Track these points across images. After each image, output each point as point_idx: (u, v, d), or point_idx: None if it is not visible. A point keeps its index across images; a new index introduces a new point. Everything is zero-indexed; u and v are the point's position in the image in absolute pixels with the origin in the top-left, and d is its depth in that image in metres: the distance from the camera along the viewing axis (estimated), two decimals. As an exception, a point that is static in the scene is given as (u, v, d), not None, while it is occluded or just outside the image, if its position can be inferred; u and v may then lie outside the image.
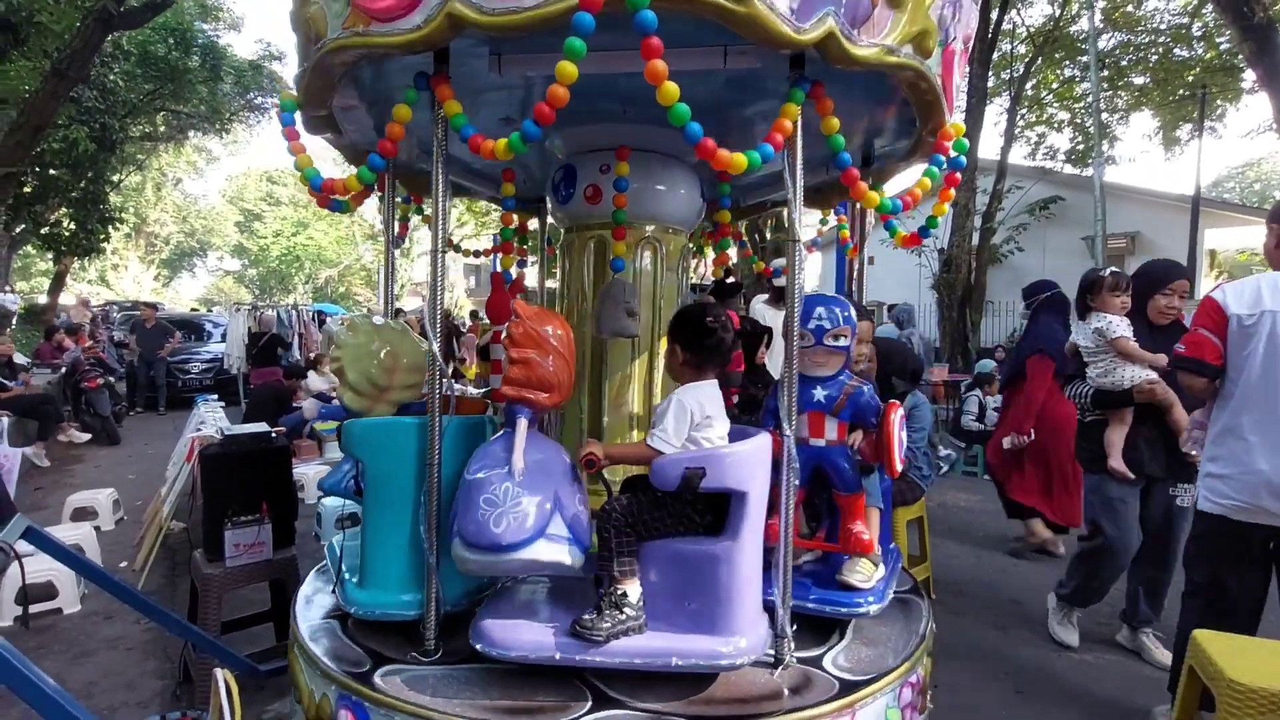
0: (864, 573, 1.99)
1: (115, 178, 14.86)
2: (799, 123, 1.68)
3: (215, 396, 6.45)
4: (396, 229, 2.50)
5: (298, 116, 2.07)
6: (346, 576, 2.06)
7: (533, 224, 3.56)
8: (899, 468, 1.97)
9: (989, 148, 13.37)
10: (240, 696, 1.70)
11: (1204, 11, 12.40)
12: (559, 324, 1.83)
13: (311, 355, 10.24)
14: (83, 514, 4.82)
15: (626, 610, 1.65)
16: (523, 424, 1.76)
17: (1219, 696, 1.80)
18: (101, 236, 12.32)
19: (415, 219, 3.02)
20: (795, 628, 1.83)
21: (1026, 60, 13.88)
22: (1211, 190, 26.81)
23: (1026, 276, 13.37)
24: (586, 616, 1.65)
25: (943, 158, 2.06)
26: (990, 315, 13.11)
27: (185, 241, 34.22)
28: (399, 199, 2.83)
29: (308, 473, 5.60)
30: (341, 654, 1.86)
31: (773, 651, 1.77)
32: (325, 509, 4.63)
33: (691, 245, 3.00)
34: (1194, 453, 2.60)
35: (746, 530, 1.67)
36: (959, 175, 2.17)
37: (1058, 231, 13.16)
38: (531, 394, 1.77)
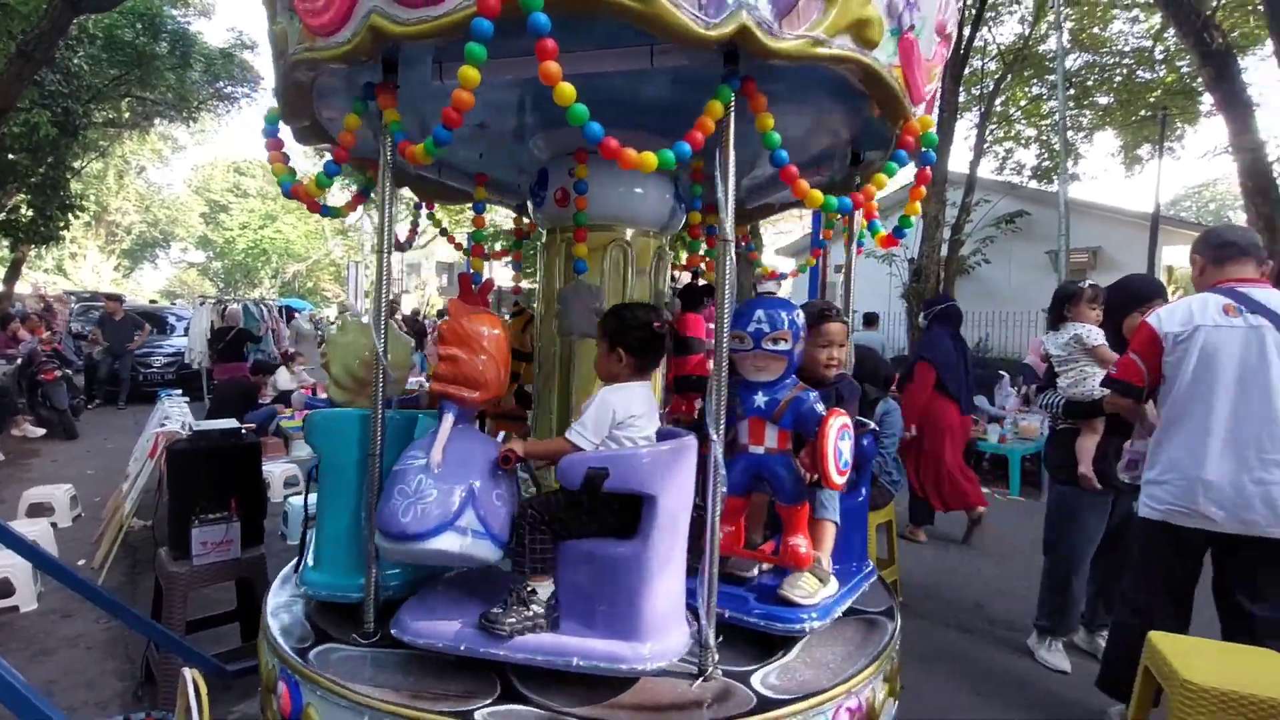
0: (806, 589, 1.88)
1: (76, 164, 14.34)
2: (729, 121, 1.63)
3: (180, 391, 6.29)
4: (405, 235, 2.53)
5: (282, 127, 2.09)
6: (308, 559, 2.10)
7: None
8: (836, 480, 1.83)
9: (959, 161, 13.70)
10: (208, 696, 1.68)
11: (1166, 36, 12.88)
12: (492, 323, 1.88)
13: (284, 351, 10.06)
14: (39, 510, 4.67)
15: (534, 607, 1.67)
16: (448, 419, 1.80)
17: (1172, 696, 1.89)
18: (61, 224, 11.92)
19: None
20: (731, 641, 1.79)
21: (996, 77, 14.25)
22: (1170, 209, 27.79)
23: (993, 288, 13.84)
24: (494, 610, 1.66)
25: (905, 153, 1.96)
26: (958, 325, 13.40)
27: (148, 232, 33.22)
28: (410, 204, 2.87)
29: (274, 471, 5.50)
30: (291, 630, 1.93)
31: (695, 661, 1.72)
32: (292, 508, 4.56)
33: (669, 248, 3.02)
34: (1127, 480, 2.74)
35: (657, 534, 1.64)
36: (929, 172, 2.10)
37: (1023, 245, 13.52)
38: (456, 390, 1.81)
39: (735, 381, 1.94)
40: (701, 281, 3.02)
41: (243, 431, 2.94)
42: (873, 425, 2.27)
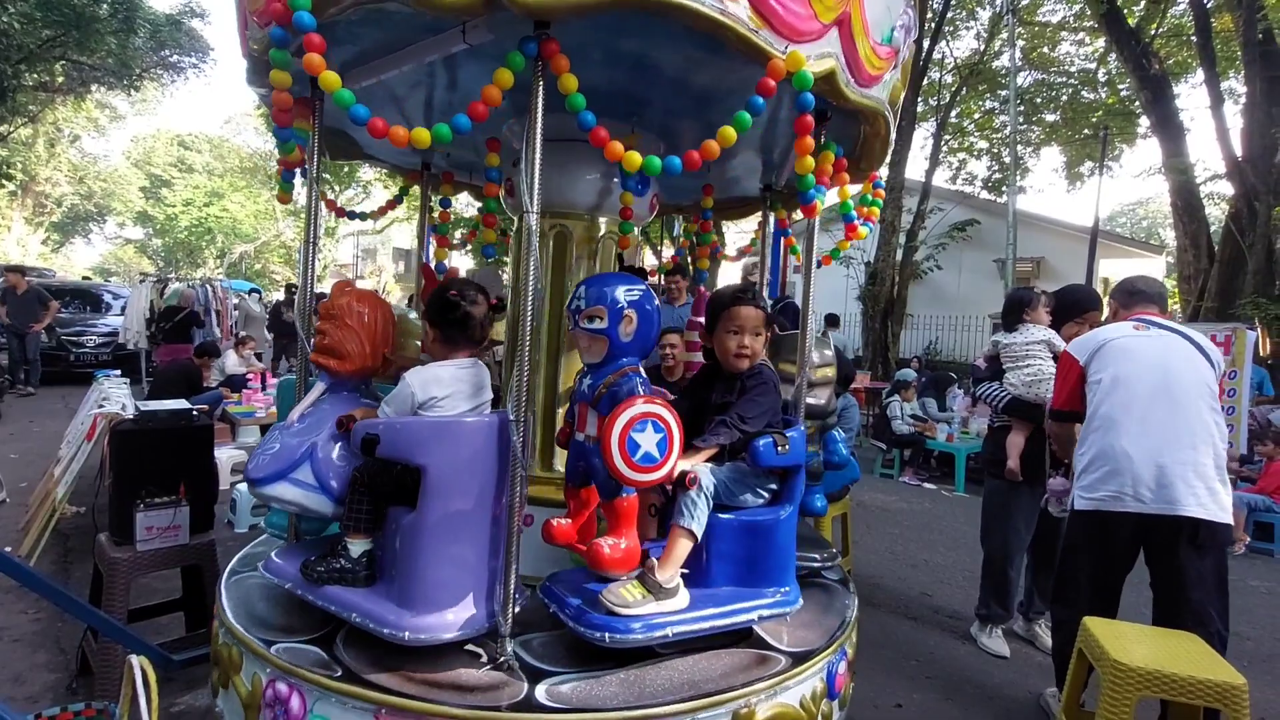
0: (621, 597, 1.67)
1: (2, 128, 13.48)
2: (539, 97, 1.60)
3: (119, 372, 5.99)
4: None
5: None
6: None
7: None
8: (626, 474, 1.64)
9: (915, 169, 14.10)
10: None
11: (1109, 60, 13.54)
12: (365, 302, 2.03)
13: (235, 335, 9.66)
14: (-42, 495, 4.39)
15: (343, 561, 1.80)
16: (319, 386, 2.04)
17: (1104, 675, 2.01)
18: (-17, 193, 11.17)
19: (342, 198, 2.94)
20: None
21: (953, 90, 14.74)
22: (1107, 223, 29.21)
23: (944, 293, 14.30)
24: (312, 559, 1.81)
25: (760, 100, 1.65)
26: (910, 328, 13.85)
27: (81, 205, 31.35)
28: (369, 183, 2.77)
29: (221, 457, 5.29)
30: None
31: (484, 649, 1.74)
32: (240, 495, 4.41)
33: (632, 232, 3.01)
34: (1056, 515, 2.93)
35: (431, 505, 1.68)
36: (808, 116, 1.77)
37: (973, 253, 14.03)
38: (323, 359, 2.00)
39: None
40: (635, 266, 3.00)
41: (194, 413, 2.82)
42: (787, 436, 1.89)
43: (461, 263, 10.28)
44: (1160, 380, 2.40)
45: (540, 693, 1.60)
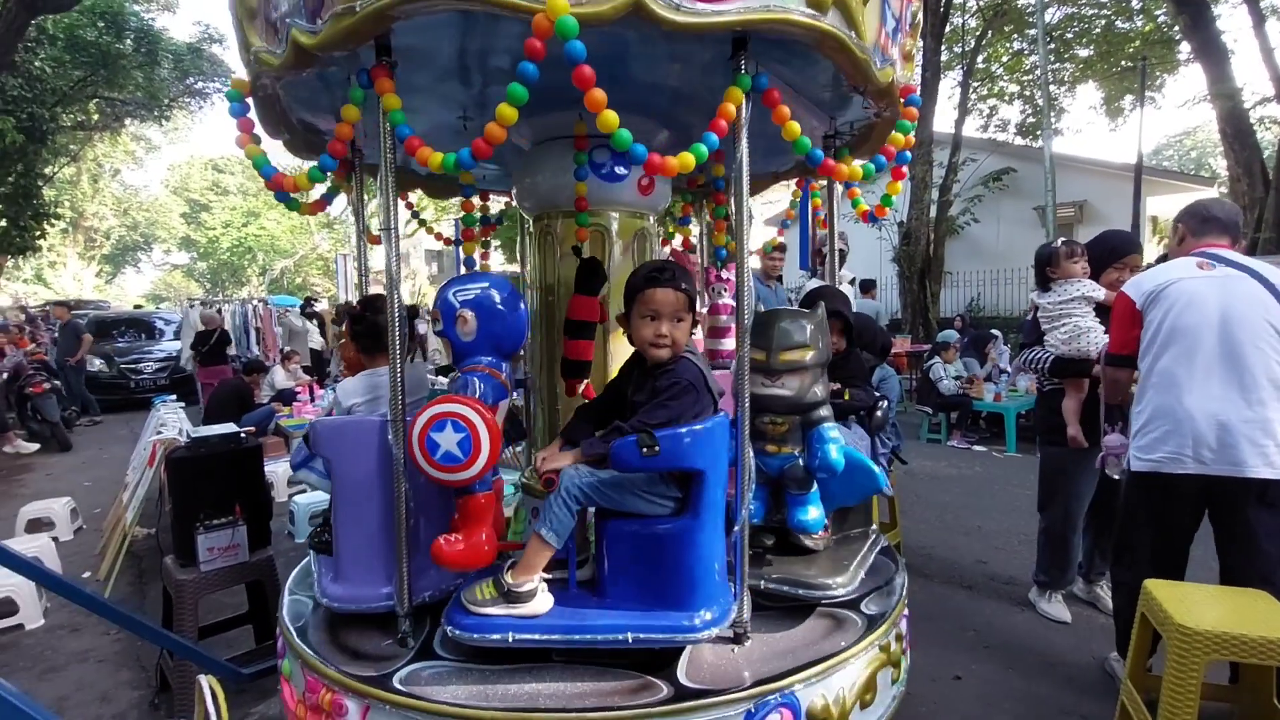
0: (475, 596, 1.70)
1: (47, 170, 14.10)
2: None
3: (174, 397, 6.25)
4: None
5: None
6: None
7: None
8: (429, 471, 1.68)
9: (944, 121, 13.60)
10: (226, 700, 1.70)
11: (1143, -17, 12.77)
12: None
13: (281, 351, 9.97)
14: (38, 525, 4.66)
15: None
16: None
17: (1168, 640, 1.93)
18: (36, 233, 11.74)
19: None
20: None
21: (977, 34, 14.11)
22: (1152, 158, 27.76)
23: (983, 247, 13.84)
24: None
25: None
26: (949, 286, 13.45)
27: (128, 235, 32.71)
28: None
29: (277, 470, 5.50)
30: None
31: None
32: (298, 507, 4.57)
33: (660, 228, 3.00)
34: (1115, 476, 2.75)
35: (342, 498, 1.97)
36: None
37: (1010, 202, 13.49)
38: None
39: None
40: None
41: (242, 435, 2.93)
42: (655, 436, 1.63)
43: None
44: (1224, 329, 2.21)
45: (401, 674, 1.73)
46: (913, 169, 11.55)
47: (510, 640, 1.67)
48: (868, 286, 10.14)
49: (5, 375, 8.65)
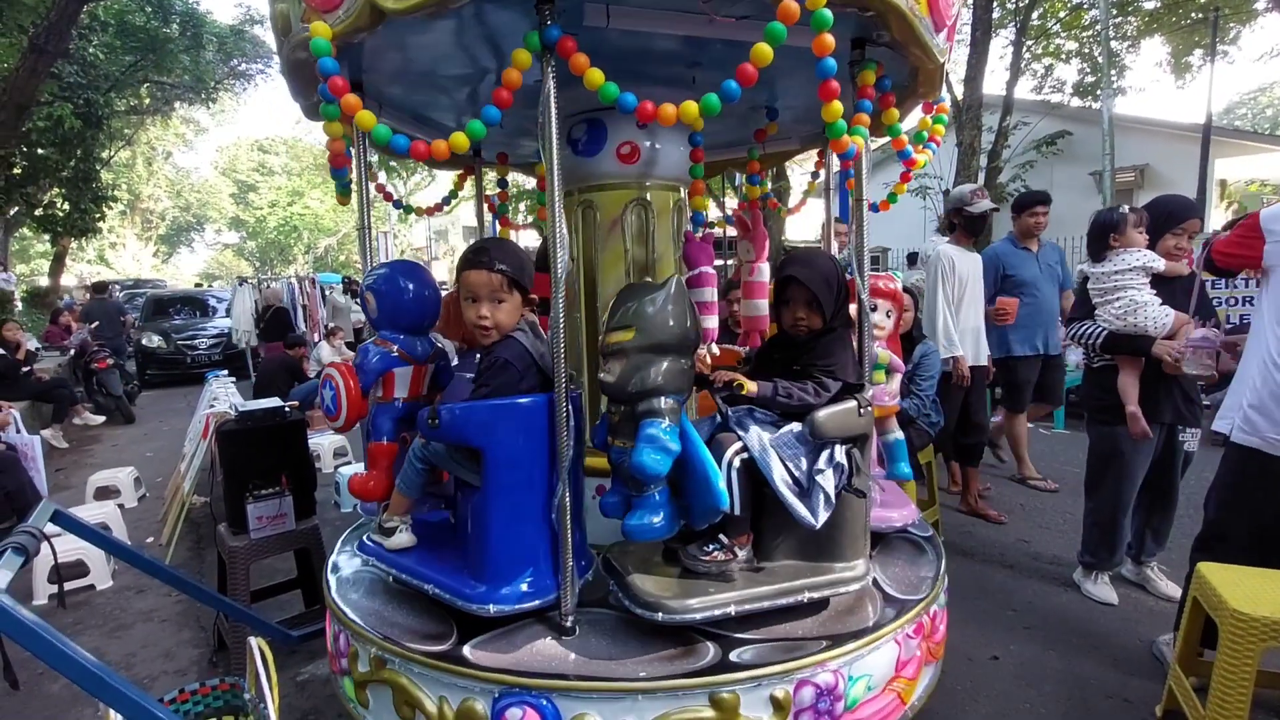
0: (381, 526, 2.07)
1: (104, 154, 14.62)
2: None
3: (225, 372, 6.51)
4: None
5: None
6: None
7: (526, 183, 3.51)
8: (325, 419, 2.06)
9: (994, 83, 12.97)
10: (275, 661, 1.78)
11: (1218, -74, 11.85)
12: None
13: (325, 327, 10.27)
14: (105, 493, 4.93)
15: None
16: None
17: (1222, 626, 1.86)
18: (96, 215, 12.21)
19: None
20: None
21: (1032, -12, 13.37)
22: (1223, 118, 26.10)
23: (1033, 216, 13.19)
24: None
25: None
26: (997, 256, 12.96)
27: (181, 216, 33.93)
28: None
29: (323, 443, 5.69)
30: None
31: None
32: (342, 478, 4.72)
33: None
34: (1191, 372, 2.53)
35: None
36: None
37: (1065, 167, 12.89)
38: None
39: None
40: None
41: (286, 409, 3.02)
42: (437, 410, 1.75)
43: (527, 237, 10.41)
44: None
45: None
46: (960, 134, 11.07)
47: (369, 565, 2.08)
48: (913, 259, 9.88)
49: (73, 351, 9.13)
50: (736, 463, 1.79)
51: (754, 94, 2.16)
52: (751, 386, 1.84)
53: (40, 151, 11.16)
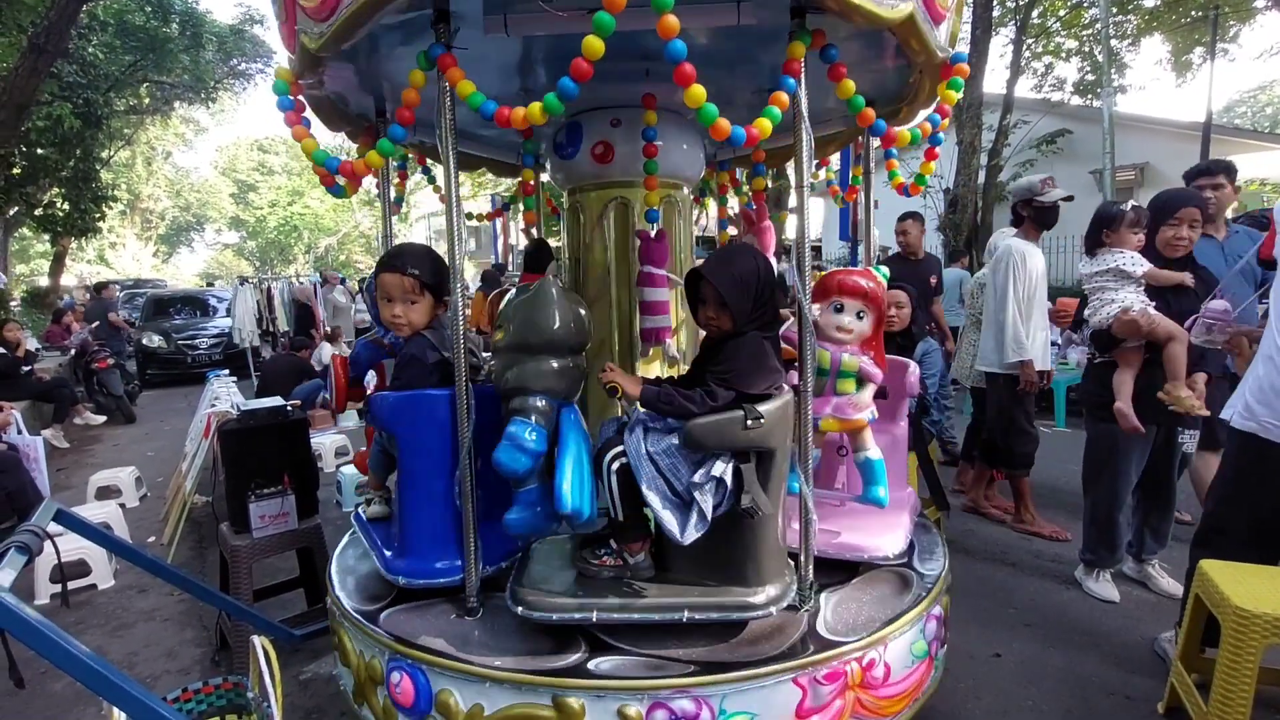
0: (364, 497, 2.43)
1: (104, 154, 14.61)
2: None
3: (227, 371, 6.51)
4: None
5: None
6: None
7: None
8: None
9: (994, 81, 12.96)
10: (278, 660, 1.78)
11: (1218, -76, 11.82)
12: None
13: (327, 330, 10.28)
14: (107, 492, 4.93)
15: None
16: None
17: (1224, 623, 1.86)
18: (96, 215, 12.20)
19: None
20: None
21: (1032, -14, 13.34)
22: (1222, 116, 26.06)
23: (1033, 214, 13.17)
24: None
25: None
26: (997, 255, 12.95)
27: (181, 216, 33.93)
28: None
29: (324, 442, 5.69)
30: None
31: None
32: (344, 477, 4.72)
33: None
34: (1201, 342, 2.51)
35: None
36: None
37: (1065, 166, 12.85)
38: None
39: None
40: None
41: (287, 408, 3.02)
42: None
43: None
44: None
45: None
46: (960, 133, 11.07)
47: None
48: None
49: (73, 351, 9.12)
50: (615, 466, 1.73)
51: (757, 80, 2.18)
52: (630, 388, 1.74)
53: (40, 151, 11.16)
